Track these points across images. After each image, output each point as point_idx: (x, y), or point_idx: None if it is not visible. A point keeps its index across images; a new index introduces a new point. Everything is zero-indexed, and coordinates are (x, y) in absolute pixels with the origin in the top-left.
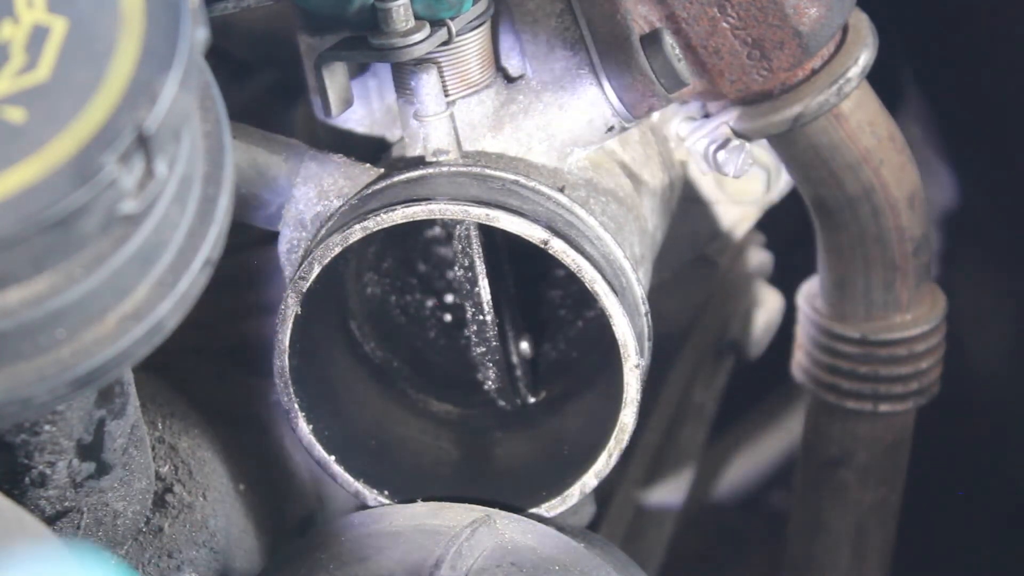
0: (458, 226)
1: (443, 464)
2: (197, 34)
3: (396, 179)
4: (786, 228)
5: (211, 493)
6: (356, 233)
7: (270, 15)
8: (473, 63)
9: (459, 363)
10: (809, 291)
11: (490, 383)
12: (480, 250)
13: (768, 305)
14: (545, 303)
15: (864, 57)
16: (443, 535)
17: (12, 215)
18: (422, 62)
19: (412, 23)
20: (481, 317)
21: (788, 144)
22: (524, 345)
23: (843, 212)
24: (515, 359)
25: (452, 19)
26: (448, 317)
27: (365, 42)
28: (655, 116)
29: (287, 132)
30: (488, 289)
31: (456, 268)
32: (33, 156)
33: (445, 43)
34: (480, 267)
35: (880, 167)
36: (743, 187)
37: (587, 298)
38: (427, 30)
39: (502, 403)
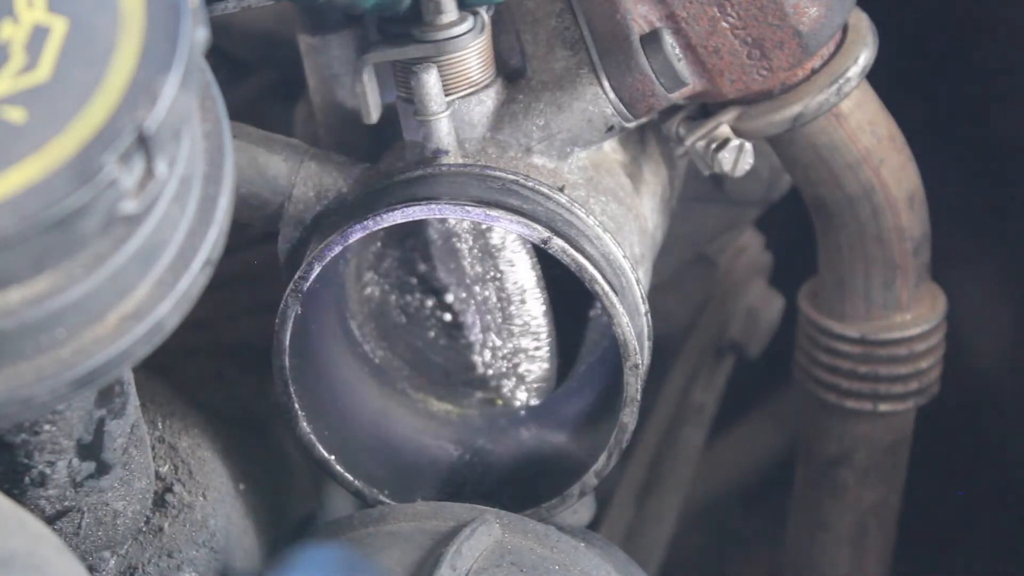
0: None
1: (443, 464)
2: (197, 34)
3: (396, 179)
4: (786, 228)
5: (211, 493)
6: (356, 233)
7: (270, 15)
8: (473, 63)
9: (459, 363)
10: (809, 291)
11: (534, 373)
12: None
13: (768, 305)
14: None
15: (864, 57)
16: (443, 535)
17: (12, 215)
18: (422, 61)
19: (456, 14)
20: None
21: (788, 144)
22: None
23: (843, 212)
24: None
25: (487, 8)
26: (448, 317)
27: (407, 38)
28: (655, 115)
29: (287, 132)
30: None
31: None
32: (33, 156)
33: (480, 30)
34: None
35: (880, 167)
36: (743, 187)
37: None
38: (470, 20)
39: (538, 396)
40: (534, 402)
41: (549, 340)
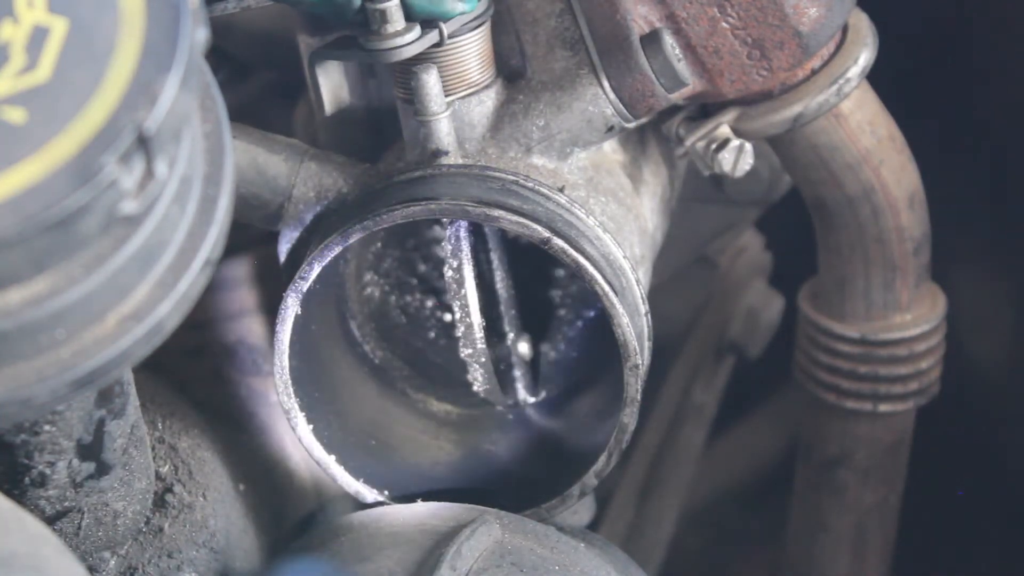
0: (449, 227)
1: (443, 464)
2: (197, 34)
3: (396, 179)
4: (786, 228)
5: (211, 493)
6: (356, 233)
7: (270, 15)
8: (473, 63)
9: (459, 363)
10: (809, 291)
11: (478, 384)
12: (469, 252)
13: (768, 305)
14: (545, 303)
15: (864, 57)
16: (443, 535)
17: (12, 215)
18: (422, 62)
19: (402, 24)
20: (468, 320)
21: (788, 144)
22: (523, 345)
23: (843, 212)
24: (514, 359)
25: (446, 21)
26: (448, 317)
27: (358, 42)
28: (655, 115)
29: (287, 132)
30: (475, 292)
31: (445, 269)
32: (33, 156)
33: (436, 45)
34: (468, 269)
35: (880, 167)
36: (743, 187)
37: (587, 298)
38: (417, 31)
39: (492, 404)
40: (498, 408)
41: (484, 348)
